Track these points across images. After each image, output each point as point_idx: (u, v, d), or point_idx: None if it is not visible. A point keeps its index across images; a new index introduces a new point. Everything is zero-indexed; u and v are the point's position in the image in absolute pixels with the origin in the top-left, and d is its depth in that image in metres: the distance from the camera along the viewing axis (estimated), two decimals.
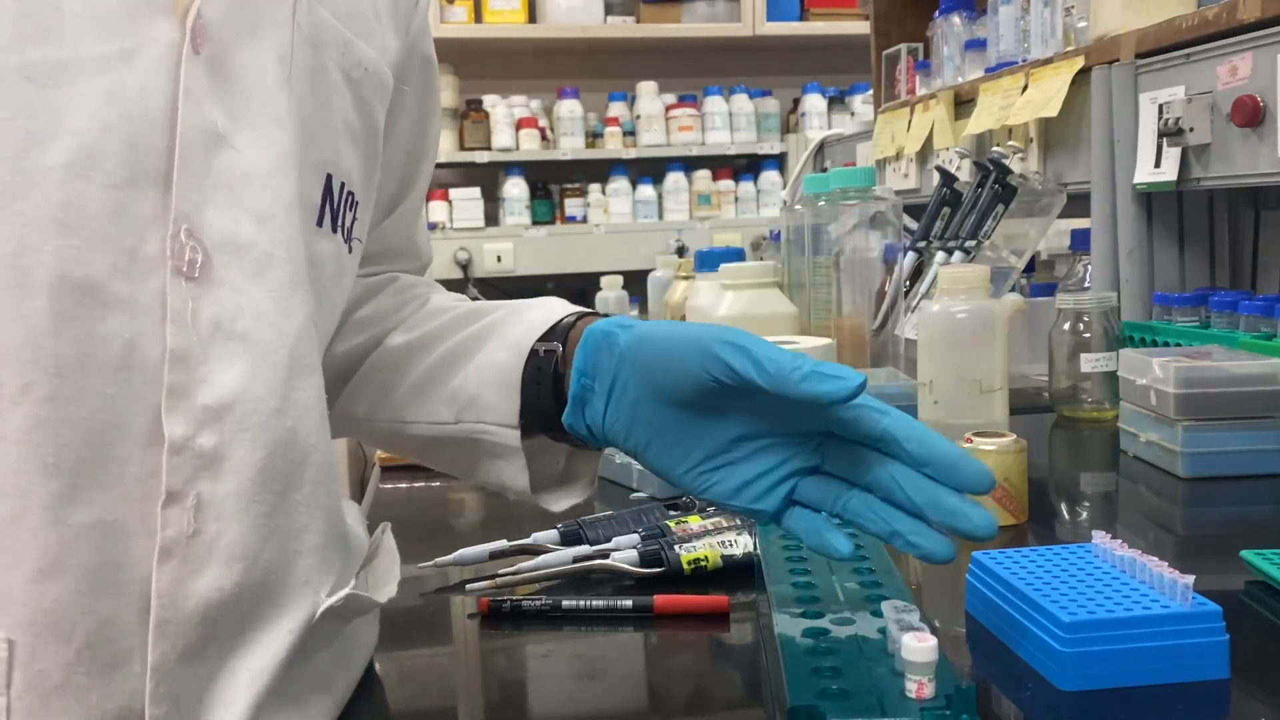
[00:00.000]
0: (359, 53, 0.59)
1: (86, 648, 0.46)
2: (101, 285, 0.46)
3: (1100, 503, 1.03)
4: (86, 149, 0.45)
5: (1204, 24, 1.21)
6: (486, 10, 3.66)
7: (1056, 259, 1.92)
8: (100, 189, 0.46)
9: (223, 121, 0.49)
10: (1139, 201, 1.36)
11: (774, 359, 0.53)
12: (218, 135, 0.49)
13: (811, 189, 1.53)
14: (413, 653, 0.70)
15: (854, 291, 1.47)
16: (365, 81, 0.60)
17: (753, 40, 3.88)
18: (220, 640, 0.48)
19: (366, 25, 0.61)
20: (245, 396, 0.48)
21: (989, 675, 0.62)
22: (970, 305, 1.03)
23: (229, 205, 0.49)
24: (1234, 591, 0.71)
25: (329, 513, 0.52)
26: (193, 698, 0.48)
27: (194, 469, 0.47)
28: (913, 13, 2.20)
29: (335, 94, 0.57)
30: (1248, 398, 0.99)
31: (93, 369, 0.46)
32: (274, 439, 0.49)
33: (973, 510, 0.52)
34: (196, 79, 0.48)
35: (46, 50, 0.45)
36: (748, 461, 0.57)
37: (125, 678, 0.47)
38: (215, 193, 0.48)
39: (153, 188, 0.47)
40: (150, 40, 0.47)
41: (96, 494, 0.46)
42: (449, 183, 3.73)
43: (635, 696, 0.64)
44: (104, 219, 0.46)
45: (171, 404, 0.47)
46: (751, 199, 3.95)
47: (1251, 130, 1.13)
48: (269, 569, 0.49)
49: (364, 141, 0.61)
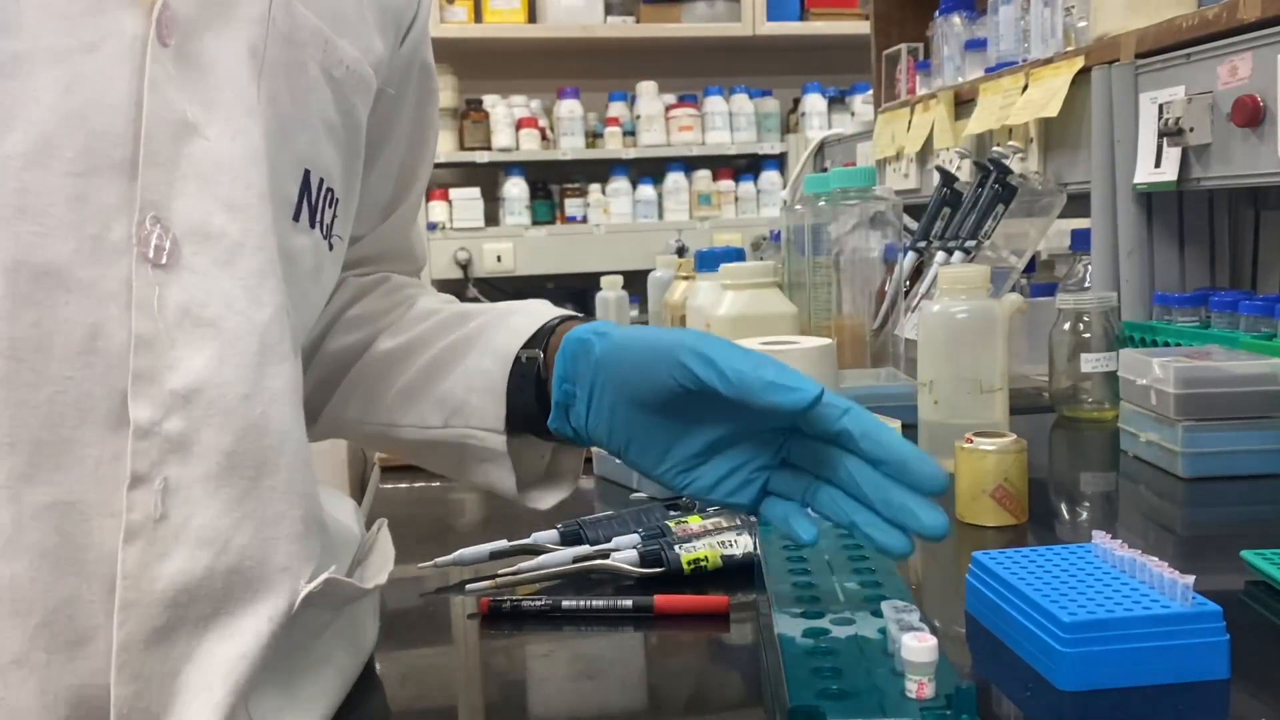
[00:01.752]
0: (340, 51, 0.60)
1: (44, 624, 0.46)
2: (62, 270, 0.46)
3: (1100, 503, 1.03)
4: (45, 137, 0.46)
5: (1204, 24, 1.21)
6: (486, 10, 3.66)
7: (1056, 259, 1.92)
8: (60, 176, 0.46)
9: (193, 111, 0.50)
10: (1139, 201, 1.36)
11: (737, 369, 0.56)
12: (188, 125, 0.49)
13: (811, 189, 1.52)
14: (413, 653, 0.70)
15: (854, 291, 1.47)
16: (347, 80, 0.60)
17: (753, 40, 3.88)
18: (191, 623, 0.48)
19: (350, 25, 0.61)
20: (213, 382, 0.49)
21: (989, 675, 0.62)
22: (970, 305, 1.03)
23: (200, 194, 0.49)
24: (1234, 592, 0.71)
25: (306, 499, 0.53)
26: (163, 680, 0.48)
27: (161, 453, 0.48)
28: (913, 13, 2.20)
29: (314, 91, 0.58)
30: (1248, 398, 0.98)
31: (52, 352, 0.46)
32: (243, 425, 0.49)
33: (923, 509, 0.54)
34: (164, 69, 0.49)
35: (5, 43, 0.46)
36: (721, 459, 0.60)
37: (89, 655, 0.47)
38: (185, 182, 0.49)
39: (117, 176, 0.48)
40: (114, 33, 0.48)
41: (55, 474, 0.46)
42: (449, 183, 3.73)
43: (635, 697, 0.64)
44: (64, 205, 0.46)
45: (138, 389, 0.47)
46: (751, 199, 3.95)
47: (1251, 130, 1.13)
48: (243, 554, 0.49)
49: (345, 140, 0.62)
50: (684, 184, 3.85)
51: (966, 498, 0.88)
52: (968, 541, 0.85)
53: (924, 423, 1.06)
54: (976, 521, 0.87)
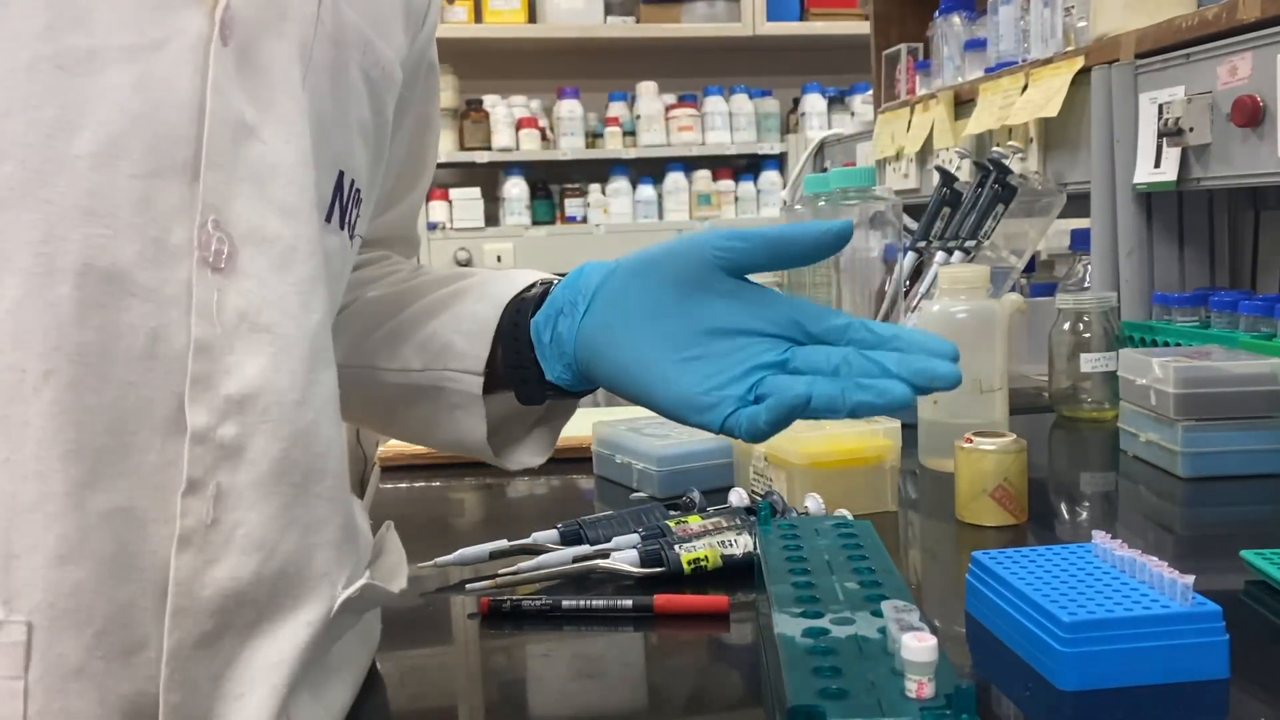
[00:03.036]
0: (378, 52, 0.60)
1: (104, 633, 0.46)
2: (127, 274, 0.46)
3: (1100, 503, 1.03)
4: (114, 138, 0.46)
5: (1204, 24, 1.21)
6: (487, 10, 3.66)
7: (1056, 259, 1.92)
8: (127, 178, 0.46)
9: (250, 113, 0.49)
10: (1139, 201, 1.36)
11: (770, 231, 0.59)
12: (246, 127, 0.49)
13: (812, 189, 1.52)
14: (413, 652, 0.70)
15: (854, 291, 1.47)
16: (380, 80, 0.61)
17: (753, 40, 3.88)
18: (236, 629, 0.48)
19: (385, 25, 0.62)
20: (268, 388, 0.49)
21: (989, 675, 0.62)
22: (971, 305, 1.03)
23: (256, 198, 0.49)
24: (1234, 591, 0.71)
25: (345, 506, 0.53)
26: (208, 685, 0.48)
27: (215, 459, 0.47)
28: (913, 13, 2.20)
29: (353, 92, 0.58)
30: (1247, 398, 0.98)
31: (116, 357, 0.46)
32: (294, 431, 0.49)
33: (940, 363, 0.54)
34: (225, 70, 0.48)
35: (77, 38, 0.45)
36: (719, 351, 0.58)
37: (142, 664, 0.47)
38: (242, 184, 0.49)
39: (179, 178, 0.47)
40: (179, 31, 0.47)
41: (117, 481, 0.46)
42: (449, 182, 3.73)
43: (635, 696, 0.64)
44: (130, 208, 0.46)
45: (195, 394, 0.47)
46: (751, 199, 3.95)
47: (1251, 130, 1.13)
48: (287, 560, 0.49)
49: (374, 139, 0.62)
50: (684, 184, 3.85)
51: (966, 497, 0.88)
52: (967, 541, 0.85)
53: (924, 422, 1.06)
54: (976, 521, 0.87)
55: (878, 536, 0.66)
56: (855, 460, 0.91)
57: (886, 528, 0.84)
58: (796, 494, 0.88)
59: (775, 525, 0.68)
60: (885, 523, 0.86)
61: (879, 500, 0.92)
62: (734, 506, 0.85)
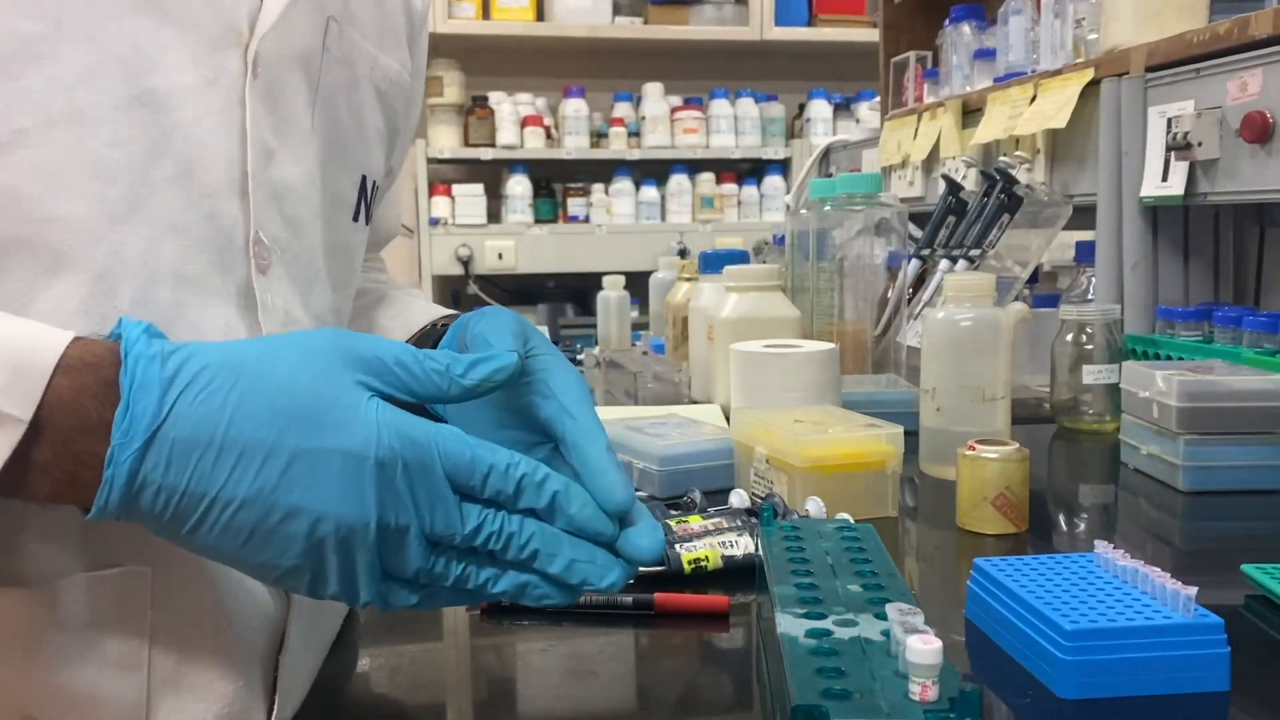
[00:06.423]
0: (385, 67, 0.67)
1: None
2: (202, 279, 0.53)
3: (1099, 514, 1.03)
4: (188, 163, 0.52)
5: (1215, 39, 1.22)
6: (494, 7, 3.66)
7: (1060, 270, 1.92)
8: (199, 197, 0.53)
9: (270, 139, 0.56)
10: (1145, 215, 1.36)
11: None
12: (269, 151, 0.56)
13: (817, 194, 1.52)
14: (410, 648, 0.70)
15: (856, 297, 1.47)
16: (391, 91, 0.68)
17: (760, 44, 3.88)
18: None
19: (390, 40, 0.68)
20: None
21: (989, 682, 0.62)
22: (976, 313, 1.03)
23: (276, 212, 0.57)
24: (1234, 605, 0.71)
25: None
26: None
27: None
28: (922, 21, 2.20)
29: (367, 105, 0.65)
30: (1250, 413, 0.99)
31: None
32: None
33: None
34: (257, 102, 0.55)
35: (155, 80, 0.51)
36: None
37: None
38: (269, 201, 0.56)
39: (232, 195, 0.54)
40: (223, 70, 0.54)
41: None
42: (452, 179, 3.73)
43: (634, 695, 0.64)
44: (204, 222, 0.53)
45: None
46: (754, 203, 3.95)
47: (1260, 146, 1.13)
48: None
49: (388, 141, 0.70)
50: (687, 186, 3.85)
51: (967, 505, 0.88)
52: (967, 548, 0.85)
53: (926, 429, 1.06)
54: (976, 529, 0.87)
55: (880, 540, 0.66)
56: (857, 464, 0.91)
57: (886, 533, 0.83)
58: (797, 496, 0.88)
59: (777, 526, 0.68)
60: (885, 528, 0.86)
61: (879, 505, 0.92)
62: (735, 507, 0.85)
